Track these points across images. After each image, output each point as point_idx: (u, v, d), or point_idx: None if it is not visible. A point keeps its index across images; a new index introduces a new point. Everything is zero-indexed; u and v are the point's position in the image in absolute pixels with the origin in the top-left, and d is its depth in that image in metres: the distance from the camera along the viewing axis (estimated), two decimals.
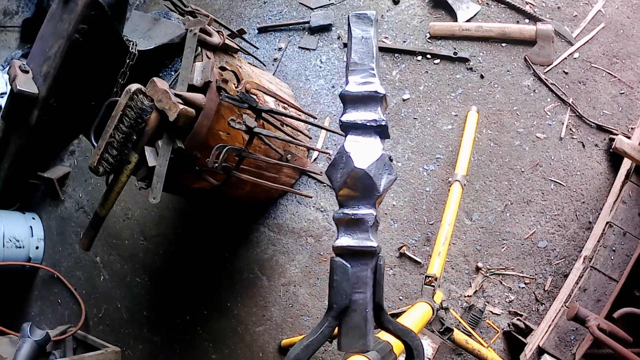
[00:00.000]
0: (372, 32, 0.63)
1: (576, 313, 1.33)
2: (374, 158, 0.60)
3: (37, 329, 1.34)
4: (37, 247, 2.95)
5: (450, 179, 1.97)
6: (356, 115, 0.62)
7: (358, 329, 0.59)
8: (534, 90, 2.13)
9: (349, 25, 0.65)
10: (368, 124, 0.62)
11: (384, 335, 1.14)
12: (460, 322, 1.89)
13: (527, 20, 2.23)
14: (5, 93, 2.76)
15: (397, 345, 1.14)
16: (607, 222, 1.79)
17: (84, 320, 2.67)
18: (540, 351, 1.68)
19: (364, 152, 0.61)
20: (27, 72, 1.82)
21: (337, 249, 0.60)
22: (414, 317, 1.34)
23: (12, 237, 2.82)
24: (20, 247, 2.85)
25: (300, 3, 2.63)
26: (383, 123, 0.62)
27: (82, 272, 2.83)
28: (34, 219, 3.03)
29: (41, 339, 1.31)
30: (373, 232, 0.61)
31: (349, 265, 0.59)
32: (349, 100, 0.63)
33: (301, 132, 2.21)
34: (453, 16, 2.31)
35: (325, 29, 2.53)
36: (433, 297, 1.55)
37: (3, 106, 2.70)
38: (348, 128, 0.63)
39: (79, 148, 3.06)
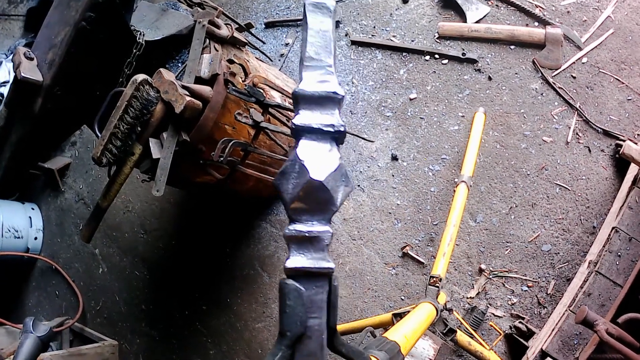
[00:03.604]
0: (330, 24, 0.56)
1: (585, 317, 1.32)
2: (332, 168, 0.54)
3: (40, 323, 1.31)
4: (35, 238, 2.92)
5: (455, 180, 1.96)
6: (311, 118, 0.55)
7: (314, 356, 0.54)
8: (542, 94, 2.12)
9: (304, 15, 0.57)
10: (325, 129, 0.55)
11: (391, 335, 1.13)
12: (462, 324, 1.88)
13: (536, 24, 2.22)
14: (8, 82, 2.73)
15: (405, 345, 1.13)
16: (613, 228, 1.78)
17: (82, 313, 2.65)
18: (543, 354, 1.67)
19: (320, 161, 0.54)
20: (32, 59, 1.79)
21: (289, 270, 0.54)
22: (419, 317, 1.33)
23: (10, 227, 2.79)
24: (18, 238, 2.82)
25: None
26: (341, 129, 0.56)
27: (81, 264, 2.81)
28: (33, 209, 3.00)
29: (44, 334, 1.28)
30: (328, 251, 0.55)
31: (303, 289, 0.53)
32: (304, 100, 0.56)
33: None
34: (462, 17, 2.30)
35: None
36: (437, 297, 1.54)
37: (5, 94, 2.68)
38: (301, 132, 0.55)
39: (81, 139, 3.04)
